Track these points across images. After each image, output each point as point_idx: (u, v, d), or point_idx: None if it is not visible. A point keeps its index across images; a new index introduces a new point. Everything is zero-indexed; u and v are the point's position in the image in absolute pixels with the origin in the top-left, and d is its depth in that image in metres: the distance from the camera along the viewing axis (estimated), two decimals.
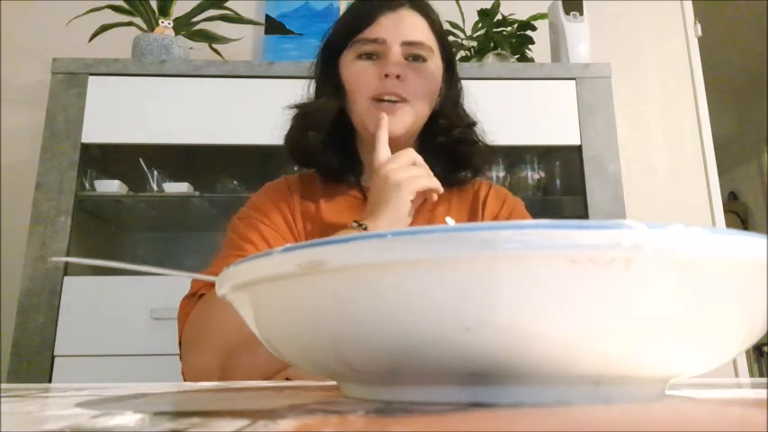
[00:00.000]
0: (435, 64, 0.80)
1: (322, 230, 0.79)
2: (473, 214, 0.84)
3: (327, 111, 0.80)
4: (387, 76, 0.76)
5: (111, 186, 1.40)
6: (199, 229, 1.65)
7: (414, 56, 0.78)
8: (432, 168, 0.84)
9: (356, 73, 0.78)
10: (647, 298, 0.20)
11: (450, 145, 0.82)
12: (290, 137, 0.83)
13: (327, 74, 0.82)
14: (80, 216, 1.38)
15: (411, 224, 0.76)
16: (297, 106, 0.84)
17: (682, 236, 0.20)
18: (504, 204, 0.85)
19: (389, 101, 0.77)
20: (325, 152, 0.81)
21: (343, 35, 0.80)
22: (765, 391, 0.32)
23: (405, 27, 0.77)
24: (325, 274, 0.21)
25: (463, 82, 0.89)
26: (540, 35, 1.66)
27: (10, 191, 1.69)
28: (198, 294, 0.71)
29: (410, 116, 0.78)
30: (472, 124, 0.84)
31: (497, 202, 0.85)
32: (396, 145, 0.81)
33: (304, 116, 0.82)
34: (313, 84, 0.86)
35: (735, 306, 0.22)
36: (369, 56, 0.78)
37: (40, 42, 1.79)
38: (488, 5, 1.62)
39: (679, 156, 1.85)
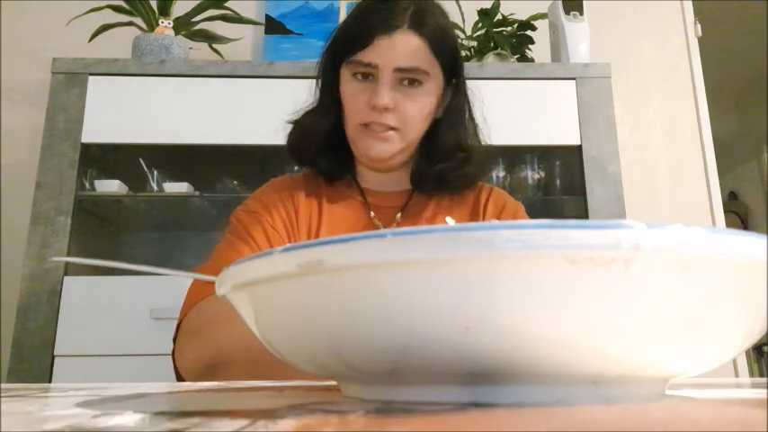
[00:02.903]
0: (431, 85, 0.78)
1: (325, 231, 0.79)
2: (474, 218, 0.85)
3: (326, 124, 0.81)
4: (375, 107, 0.75)
5: (111, 186, 1.40)
6: (199, 229, 1.65)
7: (408, 80, 0.76)
8: (427, 182, 0.83)
9: (349, 95, 0.78)
10: (646, 298, 0.20)
11: (446, 171, 0.82)
12: (290, 140, 0.85)
13: (329, 81, 0.83)
14: (80, 216, 1.38)
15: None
16: (296, 122, 0.84)
17: (682, 236, 0.20)
18: (504, 208, 0.85)
19: (379, 126, 0.77)
20: (323, 154, 0.82)
21: (341, 50, 0.80)
22: (765, 391, 0.32)
23: (398, 52, 0.75)
24: (326, 274, 0.21)
25: (471, 84, 0.87)
26: (540, 35, 1.66)
27: (10, 191, 1.69)
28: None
29: (399, 143, 0.78)
30: (470, 149, 0.82)
31: (498, 205, 0.85)
32: (387, 165, 0.81)
33: (304, 129, 0.83)
34: (318, 88, 0.86)
35: (735, 306, 0.22)
36: (364, 75, 0.77)
37: (40, 42, 1.79)
38: (488, 5, 1.62)
39: (679, 156, 1.85)
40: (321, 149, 0.82)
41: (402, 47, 0.75)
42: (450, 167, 0.82)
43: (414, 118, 0.77)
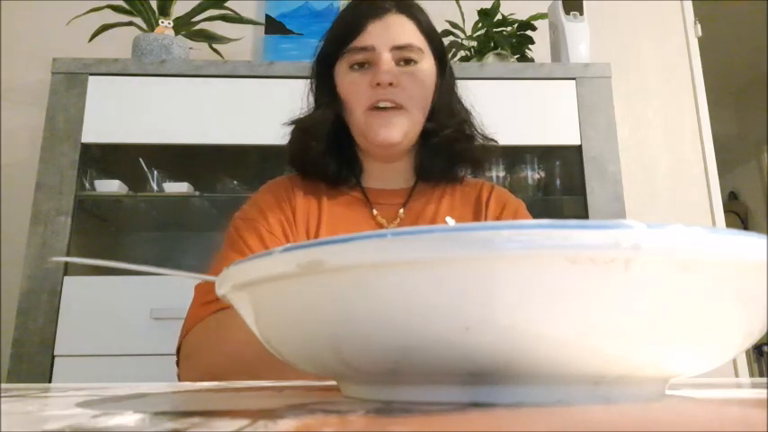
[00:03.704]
0: (427, 64, 0.80)
1: (325, 230, 0.79)
2: (476, 215, 0.85)
3: (326, 122, 0.81)
4: (379, 84, 0.76)
5: (111, 186, 1.40)
6: (199, 229, 1.65)
7: (405, 59, 0.78)
8: (432, 165, 0.84)
9: (350, 85, 0.79)
10: (646, 298, 0.20)
11: (447, 143, 0.83)
12: (290, 149, 0.84)
13: (323, 83, 0.83)
14: (80, 216, 1.38)
15: (413, 225, 0.76)
16: (295, 122, 0.84)
17: (682, 236, 0.20)
18: (505, 206, 0.85)
19: (384, 108, 0.77)
20: (325, 159, 0.82)
21: (334, 45, 0.81)
22: (765, 391, 0.32)
23: (392, 32, 0.78)
24: (325, 274, 0.21)
25: (463, 82, 0.89)
26: (540, 35, 1.66)
27: (10, 191, 1.69)
28: (210, 304, 0.70)
29: (406, 123, 0.78)
30: (464, 121, 0.84)
31: (499, 203, 0.86)
32: (396, 150, 0.81)
33: (303, 130, 0.83)
34: (311, 92, 0.86)
35: (735, 306, 0.22)
36: (361, 65, 0.78)
37: (40, 42, 1.79)
38: (488, 5, 1.62)
39: (679, 156, 1.85)
40: (325, 151, 0.81)
41: (395, 27, 0.79)
42: (455, 138, 0.82)
43: (416, 94, 0.79)
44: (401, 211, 0.83)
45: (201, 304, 0.71)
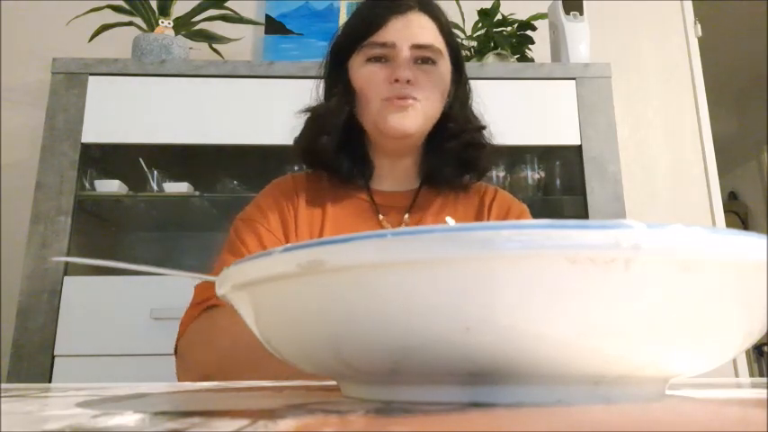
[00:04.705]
0: (445, 66, 0.80)
1: (329, 231, 0.79)
2: (479, 218, 0.84)
3: (339, 113, 0.80)
4: (397, 80, 0.76)
5: (111, 186, 1.40)
6: (199, 229, 1.65)
7: (423, 58, 0.78)
8: (439, 171, 0.84)
9: (367, 77, 0.78)
10: (646, 298, 0.20)
11: (459, 149, 0.82)
12: (301, 140, 0.83)
13: (336, 77, 0.82)
14: (80, 216, 1.38)
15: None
16: (308, 110, 0.83)
17: (682, 236, 0.20)
18: (509, 210, 0.85)
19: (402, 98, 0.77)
20: (337, 155, 0.81)
21: (352, 39, 0.80)
22: (765, 391, 0.32)
23: (414, 30, 0.77)
24: (326, 274, 0.21)
25: (474, 87, 0.88)
26: (540, 35, 1.66)
27: (10, 191, 1.69)
28: (203, 303, 0.71)
29: (422, 116, 0.78)
30: (481, 128, 0.84)
31: (503, 208, 0.85)
32: (406, 144, 0.81)
33: (315, 119, 0.82)
34: (322, 87, 0.85)
35: (735, 306, 0.22)
36: (378, 59, 0.78)
37: (40, 42, 1.79)
38: (488, 5, 1.62)
39: (679, 156, 1.85)
40: (337, 146, 0.80)
41: (416, 25, 0.78)
42: (463, 146, 0.82)
43: (432, 94, 0.78)
44: (406, 216, 0.83)
45: (194, 305, 0.72)
